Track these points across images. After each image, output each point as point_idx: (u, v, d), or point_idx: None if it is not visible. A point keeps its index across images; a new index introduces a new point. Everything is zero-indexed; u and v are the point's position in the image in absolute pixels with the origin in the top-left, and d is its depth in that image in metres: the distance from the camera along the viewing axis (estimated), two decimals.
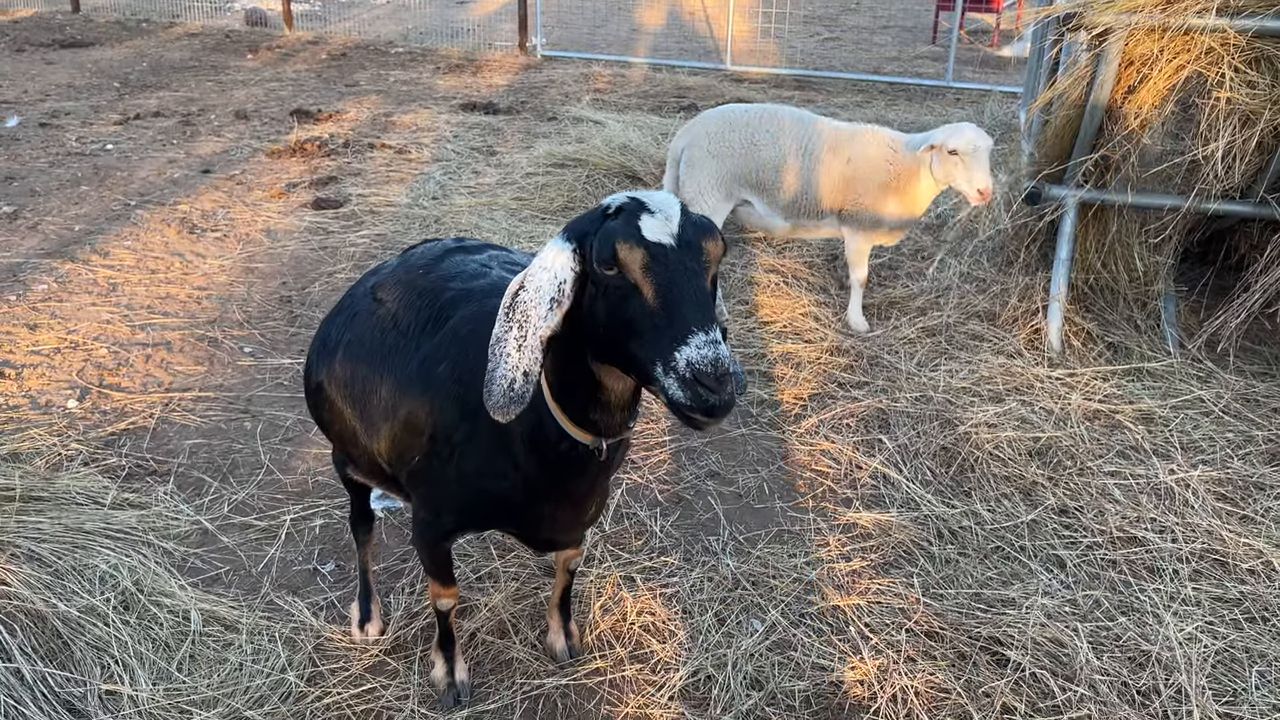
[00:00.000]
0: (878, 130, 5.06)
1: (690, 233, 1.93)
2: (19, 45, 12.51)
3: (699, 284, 1.90)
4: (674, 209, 1.96)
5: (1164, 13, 4.09)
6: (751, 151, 5.10)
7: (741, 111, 5.24)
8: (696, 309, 1.85)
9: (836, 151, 5.00)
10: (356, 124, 9.23)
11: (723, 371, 1.80)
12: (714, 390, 1.79)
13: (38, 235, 6.27)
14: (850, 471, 4.08)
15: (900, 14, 18.19)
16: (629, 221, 1.92)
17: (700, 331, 1.82)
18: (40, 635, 2.91)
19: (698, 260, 1.93)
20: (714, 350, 1.80)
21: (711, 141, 5.17)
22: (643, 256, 1.89)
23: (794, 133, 5.09)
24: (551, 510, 2.42)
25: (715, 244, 1.97)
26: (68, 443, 4.05)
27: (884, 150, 4.95)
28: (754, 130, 5.12)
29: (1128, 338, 4.97)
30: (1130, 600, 3.32)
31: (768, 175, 5.09)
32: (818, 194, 5.06)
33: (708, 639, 3.13)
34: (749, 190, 5.18)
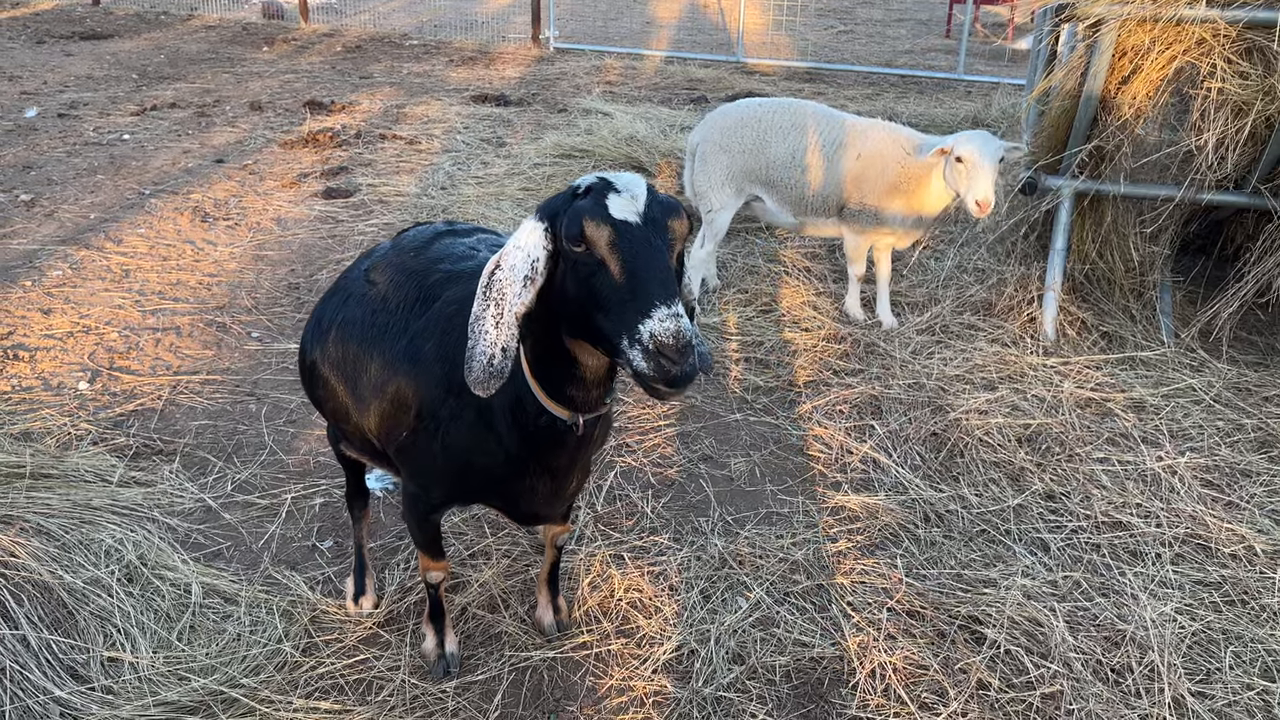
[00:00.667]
0: (893, 128, 4.98)
1: (656, 211, 2.00)
2: (39, 37, 12.69)
3: (662, 260, 1.96)
4: (640, 188, 2.02)
5: (1155, 4, 4.12)
6: (761, 148, 5.07)
7: (754, 107, 5.20)
8: (659, 284, 1.91)
9: (848, 147, 4.96)
10: (369, 115, 9.34)
11: (684, 343, 1.86)
12: (675, 361, 1.86)
13: (54, 223, 6.40)
14: (841, 456, 4.14)
15: (915, 7, 18.15)
16: (597, 200, 1.99)
17: (662, 305, 1.88)
18: (46, 605, 3.02)
19: (662, 237, 1.99)
20: (675, 323, 1.86)
21: (723, 136, 5.16)
22: (609, 233, 1.96)
23: (808, 128, 5.03)
24: (533, 484, 2.49)
25: (680, 222, 2.04)
26: (78, 423, 4.16)
27: (896, 149, 4.86)
28: (765, 126, 5.08)
29: (1123, 327, 5.01)
30: (1110, 582, 3.37)
31: (777, 172, 5.05)
32: (828, 190, 5.00)
33: (693, 615, 3.21)
34: (759, 186, 5.16)
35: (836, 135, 4.98)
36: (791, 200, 5.09)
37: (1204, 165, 4.44)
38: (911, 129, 5.06)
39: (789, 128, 5.04)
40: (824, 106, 5.21)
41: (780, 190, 5.10)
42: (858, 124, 5.03)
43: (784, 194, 5.09)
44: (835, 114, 5.11)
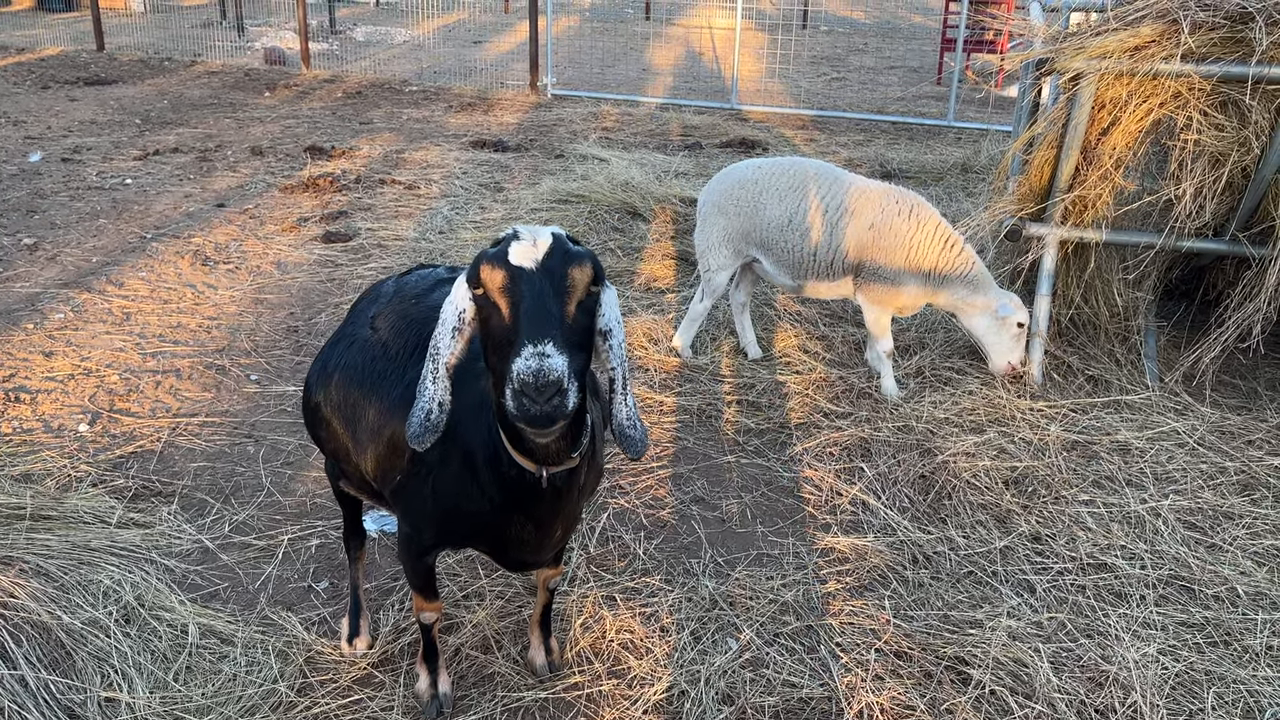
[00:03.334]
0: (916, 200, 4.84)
1: (555, 260, 2.05)
2: (44, 82, 12.89)
3: (548, 304, 2.00)
4: (544, 238, 2.08)
5: (1132, 58, 4.25)
6: (757, 210, 5.00)
7: (753, 169, 5.14)
8: (534, 324, 1.95)
9: (856, 214, 4.81)
10: (369, 160, 9.49)
11: (544, 381, 1.88)
12: (533, 399, 1.89)
13: (56, 266, 6.50)
14: (831, 498, 4.20)
15: (907, 55, 18.48)
16: (500, 247, 2.08)
17: (530, 343, 1.92)
18: (44, 645, 3.06)
19: (559, 284, 2.03)
20: (539, 361, 1.89)
21: (721, 197, 5.14)
22: (502, 277, 2.03)
23: (808, 191, 4.93)
24: (518, 532, 2.52)
25: (581, 270, 2.07)
26: (78, 464, 4.22)
27: (922, 232, 4.75)
28: (762, 188, 5.01)
29: (1108, 371, 5.10)
30: (1095, 624, 3.42)
31: (771, 234, 4.97)
32: (830, 255, 4.87)
33: (683, 656, 3.25)
34: (755, 248, 5.10)
35: (840, 199, 4.86)
36: (789, 264, 5.01)
37: (1183, 214, 4.56)
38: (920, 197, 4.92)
39: (786, 190, 4.97)
40: (831, 167, 5.09)
41: (776, 253, 5.02)
42: (871, 187, 4.89)
43: (780, 257, 5.01)
44: (847, 176, 4.98)
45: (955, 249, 4.76)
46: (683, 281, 6.54)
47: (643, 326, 5.71)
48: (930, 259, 4.75)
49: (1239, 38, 4.22)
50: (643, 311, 5.98)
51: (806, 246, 4.90)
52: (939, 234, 4.75)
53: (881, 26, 23.12)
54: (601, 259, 6.76)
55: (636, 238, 7.32)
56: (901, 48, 19.46)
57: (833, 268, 4.90)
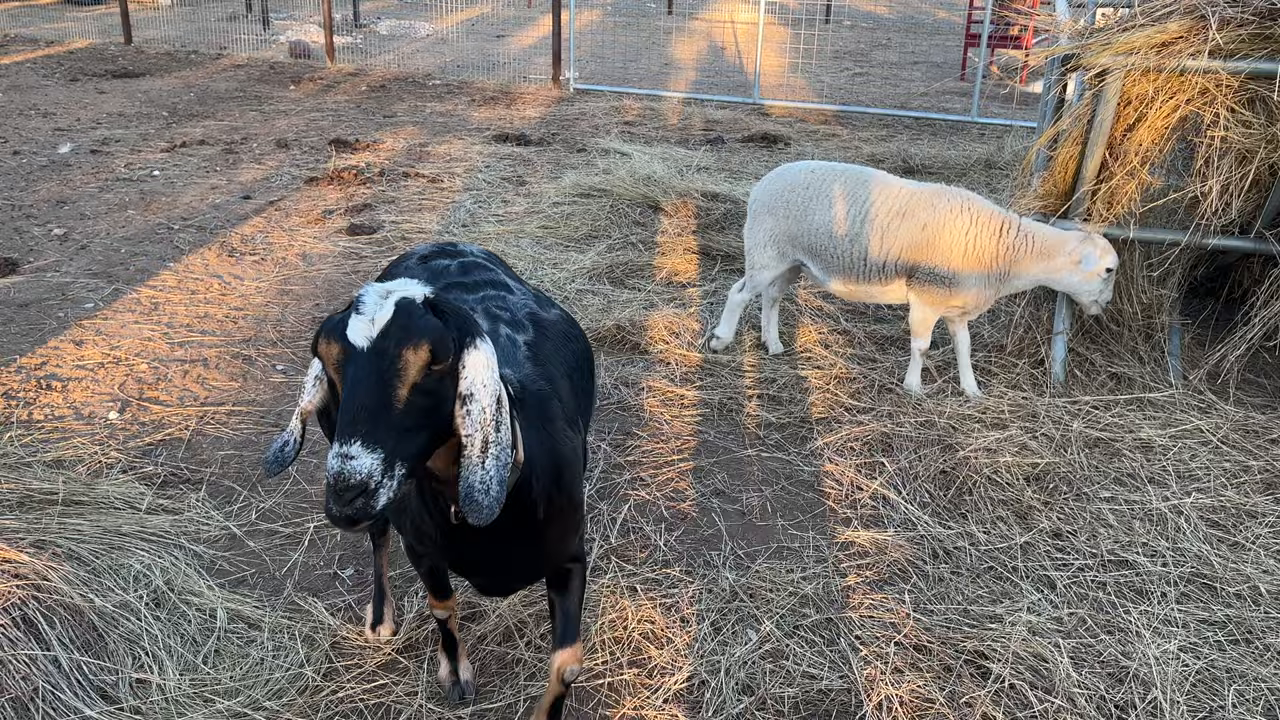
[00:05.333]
0: (968, 199, 4.75)
1: (390, 339, 1.92)
2: (74, 75, 13.03)
3: (369, 393, 1.89)
4: (385, 311, 1.95)
5: (1159, 55, 4.24)
6: (806, 215, 4.93)
7: (805, 171, 5.06)
8: (347, 418, 1.87)
9: (909, 215, 4.73)
10: (393, 153, 9.55)
11: (344, 485, 1.82)
12: (335, 500, 1.84)
13: (86, 256, 6.59)
14: (851, 492, 4.22)
15: (930, 50, 18.39)
16: (343, 316, 1.99)
17: (339, 441, 1.85)
18: (77, 627, 3.12)
19: (388, 367, 1.91)
20: (340, 463, 1.83)
21: (771, 198, 5.09)
22: (337, 353, 1.95)
23: (857, 196, 4.83)
24: (472, 561, 2.50)
25: (416, 353, 1.93)
26: (108, 451, 4.29)
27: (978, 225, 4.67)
28: (812, 194, 4.93)
29: (1131, 368, 5.08)
30: (1115, 620, 3.42)
31: (820, 240, 4.90)
32: (882, 258, 4.79)
33: (704, 647, 3.28)
34: (801, 252, 5.05)
35: (890, 203, 4.77)
36: (839, 269, 4.91)
37: (1209, 211, 4.53)
38: (989, 200, 4.84)
39: (836, 196, 4.87)
40: (881, 173, 4.99)
41: (825, 259, 4.94)
42: (921, 190, 4.82)
43: (830, 263, 4.93)
44: (891, 180, 4.89)
45: (1011, 232, 4.66)
46: (704, 276, 6.56)
47: (664, 320, 5.73)
48: (989, 252, 4.66)
49: (1267, 34, 4.20)
50: (664, 305, 6.01)
51: (857, 251, 4.82)
52: (992, 224, 4.66)
53: (905, 21, 23.00)
54: (622, 253, 6.82)
55: (658, 232, 7.34)
56: (925, 43, 19.37)
57: (885, 271, 4.82)
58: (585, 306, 5.94)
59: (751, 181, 8.67)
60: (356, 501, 1.83)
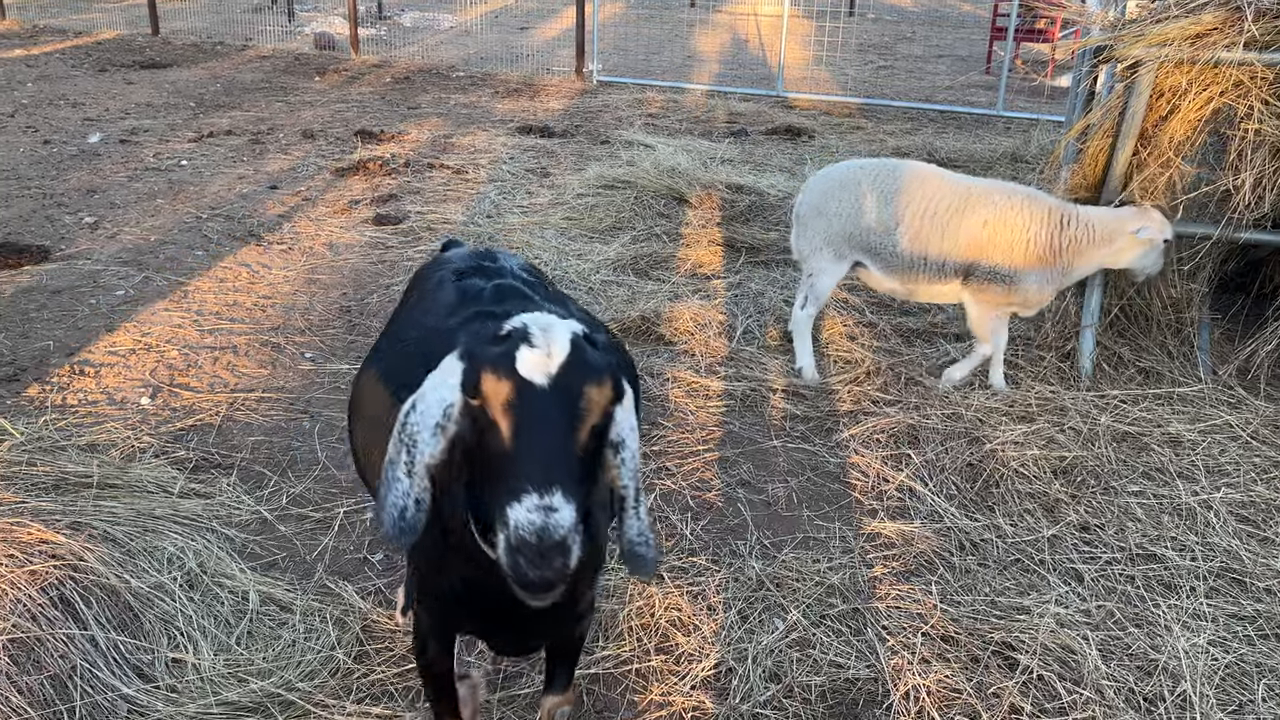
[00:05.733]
0: (1029, 193, 4.69)
1: (571, 375, 1.74)
2: (102, 65, 13.15)
3: (557, 435, 1.71)
4: (561, 342, 1.77)
5: (1193, 46, 4.20)
6: (860, 213, 4.78)
7: (854, 170, 4.92)
8: (541, 464, 1.65)
9: (969, 212, 4.63)
10: (417, 145, 9.59)
11: (548, 544, 1.59)
12: (533, 563, 1.61)
13: (117, 244, 6.66)
14: (877, 484, 4.22)
15: (955, 43, 18.28)
16: (507, 350, 1.76)
17: (535, 491, 1.62)
18: (113, 607, 3.17)
19: (571, 407, 1.73)
20: (543, 517, 1.60)
21: (821, 199, 4.91)
22: (507, 391, 1.73)
23: (914, 192, 4.71)
24: (514, 620, 2.19)
25: (600, 389, 1.76)
26: (140, 436, 4.34)
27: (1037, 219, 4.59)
28: (864, 190, 4.79)
29: (1160, 363, 5.05)
30: (1144, 614, 3.41)
31: (878, 238, 4.76)
32: (941, 256, 4.68)
33: (730, 634, 3.30)
34: (859, 252, 4.87)
35: (949, 199, 4.66)
36: (898, 267, 4.78)
37: (1241, 204, 4.50)
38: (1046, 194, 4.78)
39: (891, 192, 4.74)
40: (934, 167, 4.92)
41: (884, 257, 4.80)
42: (980, 185, 4.73)
43: (889, 261, 4.79)
44: (946, 175, 4.80)
45: (1074, 224, 4.58)
46: (728, 267, 6.56)
47: (690, 311, 5.74)
48: (1052, 246, 4.57)
49: None
50: (690, 297, 6.01)
51: (916, 249, 4.70)
52: (1053, 218, 4.58)
53: (930, 14, 22.87)
54: (647, 245, 6.83)
55: (682, 223, 7.34)
56: (950, 36, 19.25)
57: (944, 270, 4.71)
58: (610, 297, 5.96)
59: (776, 174, 8.66)
60: (557, 561, 1.61)
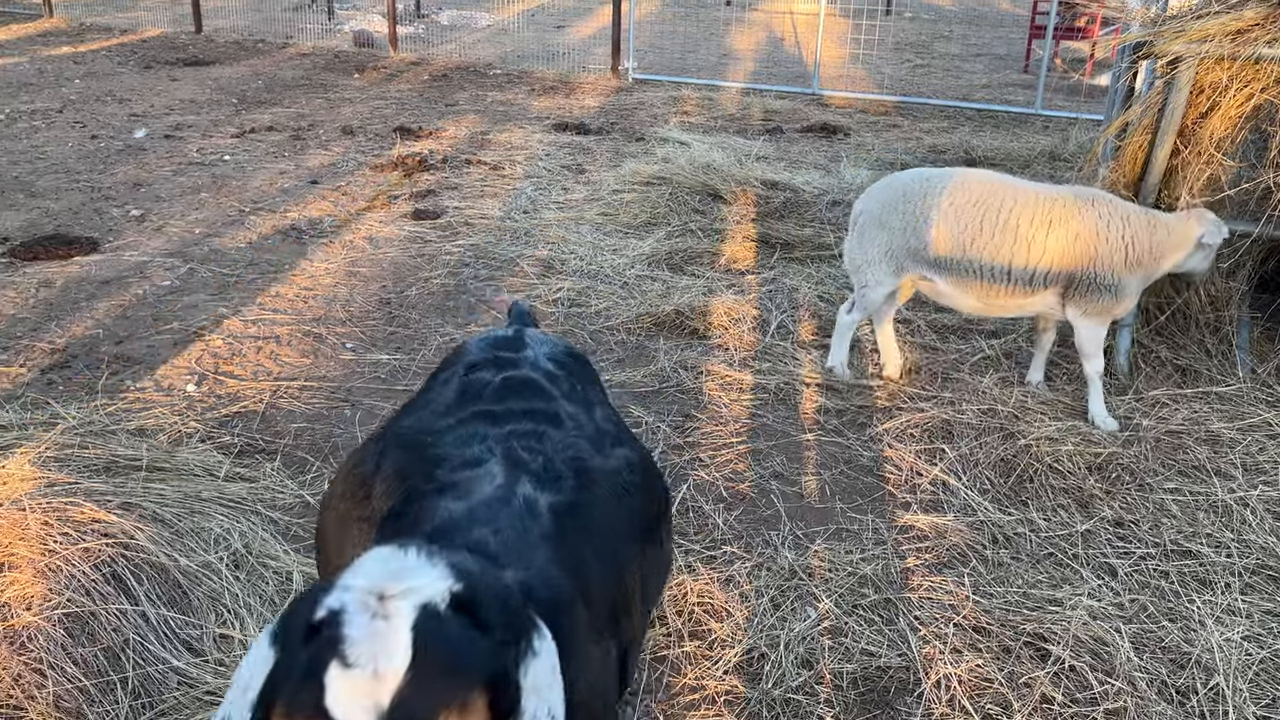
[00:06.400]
0: (1110, 199, 4.51)
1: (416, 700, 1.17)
2: (147, 63, 13.39)
3: None
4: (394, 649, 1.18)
5: (1234, 42, 4.18)
6: (925, 224, 4.55)
7: (919, 180, 4.67)
8: None
9: (1058, 224, 4.41)
10: (455, 141, 9.69)
11: None
12: None
13: (162, 237, 6.81)
14: (911, 478, 4.24)
15: (993, 41, 18.14)
16: (311, 670, 1.20)
17: None
18: (163, 585, 3.27)
19: None
20: None
21: (884, 210, 4.68)
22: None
23: (989, 204, 4.47)
24: None
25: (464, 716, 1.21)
26: (187, 421, 4.45)
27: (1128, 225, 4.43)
28: (932, 202, 4.54)
29: (1198, 361, 5.02)
30: (1178, 608, 3.41)
31: (950, 252, 4.52)
32: (1029, 270, 4.47)
33: (763, 622, 3.34)
34: (924, 266, 4.64)
35: (1033, 210, 4.44)
36: (975, 283, 4.55)
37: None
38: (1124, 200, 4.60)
39: (964, 204, 4.50)
40: (1004, 176, 4.67)
41: (957, 272, 4.56)
42: (1059, 193, 4.51)
43: (962, 276, 4.55)
44: (1021, 184, 4.58)
45: (1159, 230, 4.44)
46: (762, 263, 6.59)
47: (724, 306, 5.78)
48: (1146, 252, 4.44)
49: None
50: (724, 292, 6.05)
51: (998, 263, 4.47)
52: (1140, 224, 4.42)
53: (968, 13, 22.71)
54: (682, 240, 6.88)
55: (718, 219, 7.38)
56: (988, 34, 19.11)
57: (1034, 282, 4.48)
58: (645, 292, 6.01)
59: (810, 171, 8.67)
60: None
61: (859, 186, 8.20)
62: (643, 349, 5.36)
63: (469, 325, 5.59)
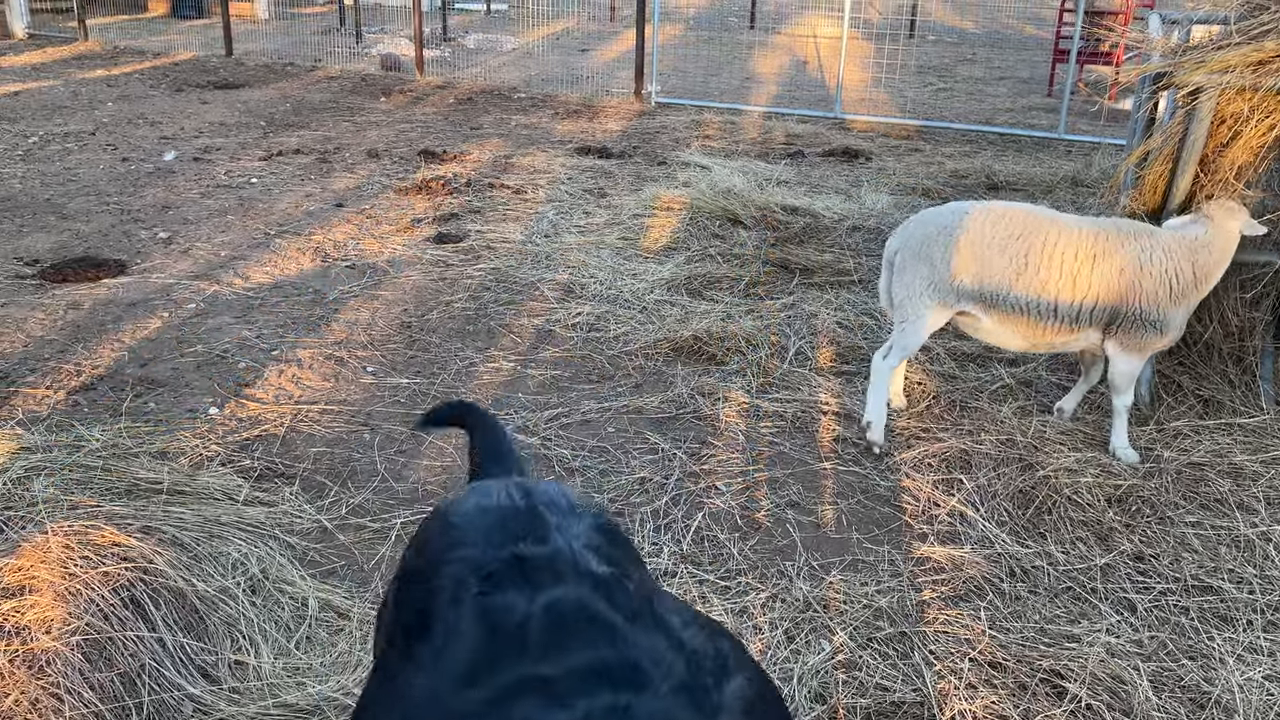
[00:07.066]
0: (1151, 231, 4.45)
1: None
2: (179, 86, 13.62)
3: None
4: None
5: (1255, 73, 4.16)
6: (972, 259, 4.44)
7: (959, 214, 4.55)
8: None
9: (1102, 257, 4.35)
10: (479, 165, 9.78)
11: None
12: None
13: (189, 259, 6.90)
14: (928, 508, 4.21)
15: (1016, 65, 18.11)
16: None
17: None
18: (180, 609, 3.30)
19: None
20: None
21: (924, 245, 4.53)
22: None
23: (1034, 237, 4.39)
24: None
25: None
26: (208, 445, 4.50)
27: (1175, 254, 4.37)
28: (974, 236, 4.45)
29: (1220, 392, 4.98)
30: (1198, 646, 3.37)
31: (998, 288, 4.42)
32: (1075, 307, 4.39)
33: (777, 654, 3.32)
34: (970, 302, 4.52)
35: (1076, 244, 4.37)
36: (1022, 320, 4.46)
37: None
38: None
39: (1008, 238, 4.40)
40: (1045, 209, 4.59)
41: (1003, 308, 4.45)
42: (1105, 233, 4.41)
43: (1008, 313, 4.46)
44: (1062, 217, 4.50)
45: (1200, 249, 4.37)
46: (782, 289, 6.59)
47: (742, 332, 5.79)
48: (1191, 280, 4.38)
49: None
50: (743, 317, 6.06)
51: (1046, 299, 4.39)
52: (1183, 250, 4.36)
53: (991, 36, 22.69)
54: (701, 265, 6.91)
55: (737, 244, 7.40)
56: (1012, 58, 19.08)
57: (1079, 320, 4.41)
58: (664, 317, 6.03)
59: (831, 195, 8.68)
60: None
61: (879, 212, 8.21)
62: (660, 374, 5.37)
63: (488, 349, 5.63)
